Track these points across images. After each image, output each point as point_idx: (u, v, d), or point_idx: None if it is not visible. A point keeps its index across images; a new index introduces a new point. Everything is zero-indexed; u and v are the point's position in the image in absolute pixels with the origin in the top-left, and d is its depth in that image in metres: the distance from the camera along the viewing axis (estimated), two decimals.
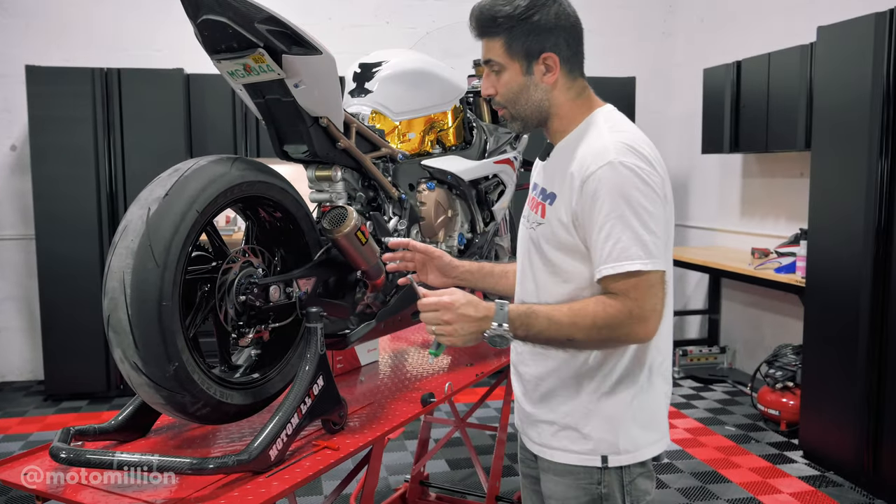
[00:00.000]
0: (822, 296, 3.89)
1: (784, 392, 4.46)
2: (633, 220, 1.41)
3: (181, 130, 5.15)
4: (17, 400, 5.28)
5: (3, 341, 5.69)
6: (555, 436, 1.59)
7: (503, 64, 1.53)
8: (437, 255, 1.83)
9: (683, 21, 6.48)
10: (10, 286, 5.66)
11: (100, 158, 5.05)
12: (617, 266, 1.41)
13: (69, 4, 5.54)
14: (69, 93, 4.98)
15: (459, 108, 2.53)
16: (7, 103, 5.47)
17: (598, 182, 1.43)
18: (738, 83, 5.23)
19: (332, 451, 1.77)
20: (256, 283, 1.74)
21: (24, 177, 5.44)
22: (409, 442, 4.28)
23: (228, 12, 1.62)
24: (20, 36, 5.49)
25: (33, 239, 5.17)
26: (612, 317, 1.41)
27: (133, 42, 5.58)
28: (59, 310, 5.04)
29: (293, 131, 1.89)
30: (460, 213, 2.49)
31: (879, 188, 3.47)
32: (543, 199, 1.59)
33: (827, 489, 3.68)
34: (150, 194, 1.58)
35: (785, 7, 5.21)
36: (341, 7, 5.92)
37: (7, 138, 5.55)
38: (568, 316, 1.43)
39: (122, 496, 1.53)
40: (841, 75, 3.72)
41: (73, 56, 5.46)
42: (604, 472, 1.54)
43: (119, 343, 1.53)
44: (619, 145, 1.45)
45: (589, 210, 1.45)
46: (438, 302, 1.45)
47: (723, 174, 6.00)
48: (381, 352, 2.72)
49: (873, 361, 3.53)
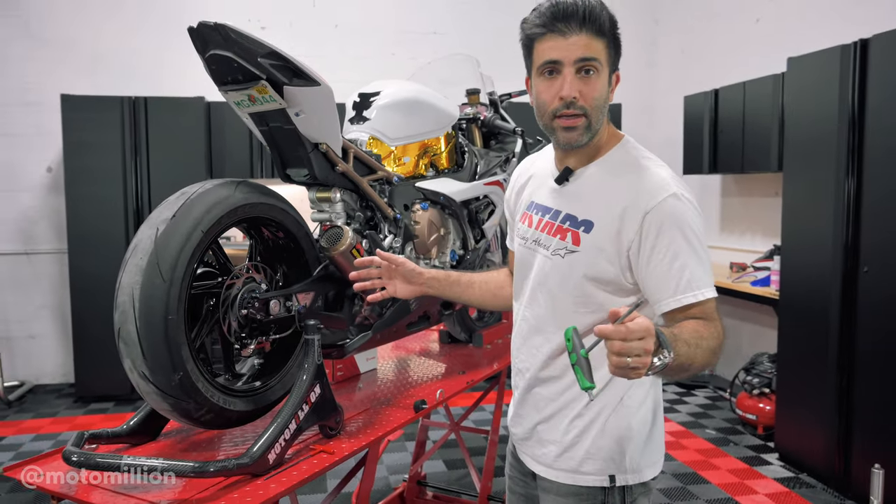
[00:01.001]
0: (794, 307, 3.86)
1: (761, 398, 4.42)
2: (700, 250, 1.36)
3: (202, 154, 5.18)
4: (49, 401, 5.28)
5: (38, 347, 5.70)
6: (560, 457, 1.50)
7: (601, 66, 1.38)
8: (401, 262, 1.75)
9: (666, 53, 6.49)
10: (45, 296, 5.68)
11: (127, 180, 5.07)
12: (698, 294, 1.33)
13: (100, 38, 5.59)
14: (100, 119, 5.02)
15: (452, 133, 2.53)
16: (43, 128, 5.50)
17: (665, 214, 1.34)
18: (715, 110, 5.23)
19: (328, 455, 1.75)
20: (257, 298, 1.73)
21: (59, 196, 5.47)
22: (409, 443, 4.25)
23: (234, 48, 1.62)
24: (56, 67, 5.53)
25: (66, 253, 5.20)
26: (714, 337, 1.31)
27: (158, 72, 5.62)
28: (89, 319, 5.05)
29: (295, 156, 1.89)
30: (452, 232, 2.48)
31: (846, 206, 3.45)
32: (574, 226, 1.44)
33: (800, 490, 3.63)
34: (158, 215, 1.57)
35: (759, 39, 5.21)
36: (352, 41, 5.95)
37: (44, 161, 5.58)
38: (694, 339, 1.25)
39: (129, 496, 1.52)
40: (810, 102, 3.71)
41: (103, 85, 5.50)
42: (608, 492, 1.47)
43: (128, 353, 1.52)
44: (675, 178, 1.39)
45: (653, 241, 1.35)
46: (648, 328, 1.11)
47: (703, 193, 5.98)
48: (381, 360, 2.71)
49: (842, 369, 3.50)
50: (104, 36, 5.59)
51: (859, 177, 3.40)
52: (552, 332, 1.50)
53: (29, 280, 5.64)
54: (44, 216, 5.62)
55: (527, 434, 1.59)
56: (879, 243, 3.29)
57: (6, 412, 5.05)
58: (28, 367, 5.67)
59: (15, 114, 5.50)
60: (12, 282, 5.61)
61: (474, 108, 2.72)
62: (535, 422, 1.56)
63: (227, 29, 1.59)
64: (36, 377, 5.70)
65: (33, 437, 4.49)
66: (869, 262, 3.35)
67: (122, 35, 5.61)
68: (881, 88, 3.29)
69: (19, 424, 4.76)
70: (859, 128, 3.39)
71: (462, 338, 2.83)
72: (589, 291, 1.43)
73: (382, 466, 3.94)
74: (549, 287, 1.50)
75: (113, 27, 5.59)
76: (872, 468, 2.15)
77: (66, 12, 5.52)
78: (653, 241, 1.35)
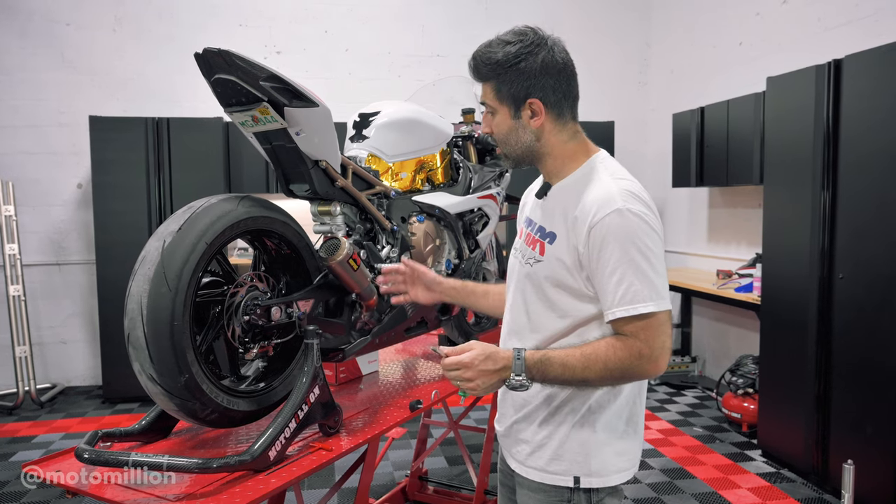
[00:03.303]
0: (775, 312, 3.83)
1: (745, 397, 4.39)
2: (643, 264, 1.32)
3: (221, 171, 5.20)
4: (79, 402, 5.31)
5: (69, 351, 5.73)
6: (531, 455, 1.50)
7: (494, 107, 1.46)
8: (423, 272, 1.80)
9: (656, 72, 6.49)
10: (75, 304, 5.71)
11: (151, 195, 5.11)
12: (630, 309, 1.31)
13: (126, 64, 5.64)
14: (126, 139, 5.06)
15: (447, 150, 2.53)
16: (74, 148, 5.55)
17: (607, 228, 1.33)
18: (702, 126, 5.22)
19: (327, 452, 1.76)
20: (259, 305, 1.74)
21: (88, 211, 5.52)
22: (413, 441, 4.24)
23: (237, 72, 1.63)
24: (85, 90, 5.58)
25: (94, 264, 5.23)
26: (622, 360, 1.32)
27: (180, 94, 5.66)
28: (115, 325, 4.99)
29: (296, 172, 1.89)
30: (447, 242, 2.48)
31: (823, 217, 3.43)
32: (542, 237, 1.47)
33: (781, 484, 3.60)
34: (165, 228, 1.58)
35: (742, 60, 5.21)
36: (359, 64, 5.98)
37: (74, 178, 5.63)
38: (581, 361, 1.34)
39: (139, 491, 1.52)
40: (788, 119, 3.70)
41: (129, 107, 5.56)
42: (574, 492, 1.45)
43: (137, 357, 1.53)
44: (624, 193, 1.36)
45: (597, 255, 1.34)
46: (459, 361, 1.35)
47: (692, 205, 5.96)
48: (383, 363, 2.71)
49: (820, 370, 3.47)
50: (130, 62, 5.64)
51: (834, 189, 3.38)
52: (526, 336, 1.51)
53: (60, 289, 5.68)
54: (74, 229, 5.66)
55: (506, 431, 1.60)
56: (853, 251, 3.27)
57: (38, 412, 5.07)
58: (59, 370, 5.70)
59: (51, 134, 5.55)
60: (45, 291, 5.64)
61: (469, 126, 2.73)
62: (512, 420, 1.56)
63: (231, 55, 1.60)
64: (66, 380, 5.73)
65: (62, 436, 4.50)
66: (844, 269, 3.32)
67: (145, 60, 5.66)
68: (854, 105, 3.27)
69: (50, 424, 4.78)
70: (834, 143, 3.38)
71: (460, 342, 2.82)
72: (554, 298, 1.44)
73: (387, 462, 3.93)
74: (524, 293, 1.52)
75: (137, 54, 5.65)
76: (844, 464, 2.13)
77: (96, 42, 5.58)
78: (597, 255, 1.35)
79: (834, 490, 3.42)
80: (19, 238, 5.32)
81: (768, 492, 3.51)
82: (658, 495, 3.49)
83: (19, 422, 4.85)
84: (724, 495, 3.48)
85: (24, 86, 5.49)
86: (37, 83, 5.51)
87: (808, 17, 4.53)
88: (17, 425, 4.76)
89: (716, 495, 3.48)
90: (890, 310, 3.06)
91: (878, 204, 3.12)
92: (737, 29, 5.28)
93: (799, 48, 4.56)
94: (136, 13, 5.64)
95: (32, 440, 4.45)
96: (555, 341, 1.45)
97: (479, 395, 1.39)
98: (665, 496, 3.48)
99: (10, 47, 5.45)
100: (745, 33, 5.20)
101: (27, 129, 5.51)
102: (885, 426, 3.08)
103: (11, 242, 5.24)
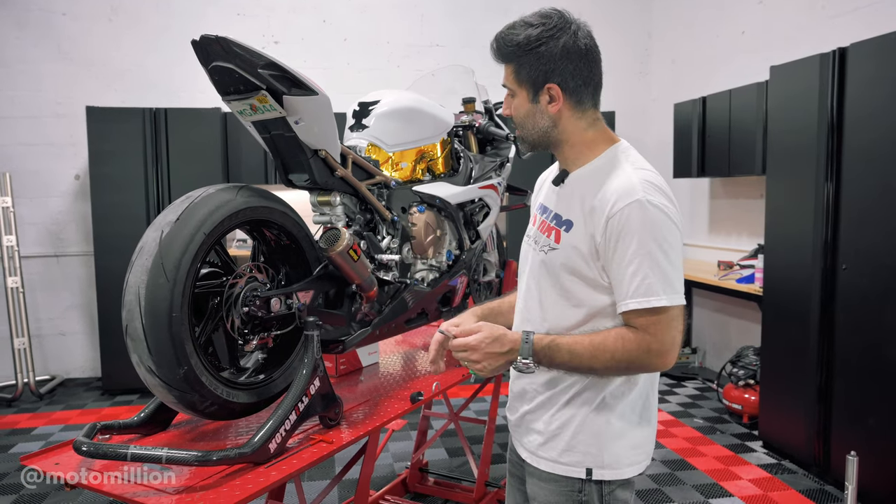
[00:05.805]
0: (777, 303, 3.82)
1: (746, 389, 4.38)
2: (659, 257, 1.29)
3: (219, 161, 5.17)
4: (78, 394, 5.30)
5: (68, 343, 5.72)
6: (543, 445, 1.48)
7: (513, 89, 1.44)
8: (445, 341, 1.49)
9: (657, 62, 6.45)
10: (73, 296, 5.70)
11: (149, 186, 5.08)
12: (643, 301, 1.30)
13: (123, 54, 5.60)
14: (123, 130, 5.02)
15: (447, 140, 2.50)
16: (72, 139, 5.52)
17: (626, 218, 1.30)
18: (703, 116, 5.18)
19: (328, 444, 1.74)
20: (259, 296, 1.72)
21: (86, 202, 5.49)
22: (413, 433, 4.24)
23: (235, 60, 1.61)
24: (82, 81, 5.55)
25: (93, 256, 5.21)
26: (630, 352, 1.32)
27: (178, 85, 5.62)
28: (114, 316, 4.99)
29: (296, 162, 1.87)
30: (448, 233, 2.46)
31: (826, 208, 3.41)
32: (558, 225, 1.44)
33: (782, 476, 3.59)
34: (163, 219, 1.56)
35: (744, 50, 5.17)
36: (359, 54, 5.95)
37: (72, 169, 5.60)
38: (588, 350, 1.34)
39: (138, 484, 1.51)
40: (791, 109, 3.67)
41: (126, 98, 5.53)
42: (585, 483, 1.44)
43: (135, 349, 1.52)
44: (645, 184, 1.33)
45: (615, 245, 1.32)
46: (465, 343, 1.37)
47: (693, 196, 5.94)
48: (383, 354, 2.69)
49: (822, 362, 3.46)
50: (127, 52, 5.60)
51: (838, 179, 3.36)
52: (539, 324, 1.49)
53: (59, 281, 5.66)
54: (72, 221, 5.64)
55: (517, 421, 1.58)
56: (857, 242, 3.25)
57: (38, 404, 5.07)
58: (58, 362, 5.69)
59: (49, 125, 5.52)
60: (43, 282, 5.63)
61: (470, 115, 2.70)
62: (524, 411, 1.55)
63: (228, 42, 1.57)
64: (65, 371, 5.72)
65: (62, 428, 4.50)
66: (847, 260, 3.31)
67: (143, 51, 5.62)
68: (858, 95, 3.25)
69: (50, 416, 4.77)
70: (838, 132, 3.35)
71: None
72: (569, 286, 1.42)
73: (388, 454, 3.92)
74: (538, 281, 1.49)
75: (135, 44, 5.61)
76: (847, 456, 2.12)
77: (93, 33, 5.54)
78: (614, 245, 1.33)
79: (835, 481, 3.41)
80: (17, 229, 5.29)
81: (769, 483, 3.51)
82: (659, 486, 3.49)
83: (18, 413, 4.85)
84: (725, 486, 3.47)
85: (21, 77, 5.46)
86: (34, 74, 5.47)
87: (812, 5, 4.49)
88: (17, 417, 4.76)
89: (717, 486, 3.48)
90: (894, 300, 3.04)
91: (882, 194, 3.10)
92: (739, 18, 5.24)
93: (802, 37, 4.53)
94: (132, 3, 5.59)
95: (31, 432, 4.44)
96: (567, 330, 1.43)
97: (487, 375, 1.40)
98: (666, 487, 3.48)
99: (8, 38, 5.42)
100: (747, 22, 5.16)
101: (25, 120, 5.48)
102: (888, 417, 3.07)
103: (9, 234, 5.22)
